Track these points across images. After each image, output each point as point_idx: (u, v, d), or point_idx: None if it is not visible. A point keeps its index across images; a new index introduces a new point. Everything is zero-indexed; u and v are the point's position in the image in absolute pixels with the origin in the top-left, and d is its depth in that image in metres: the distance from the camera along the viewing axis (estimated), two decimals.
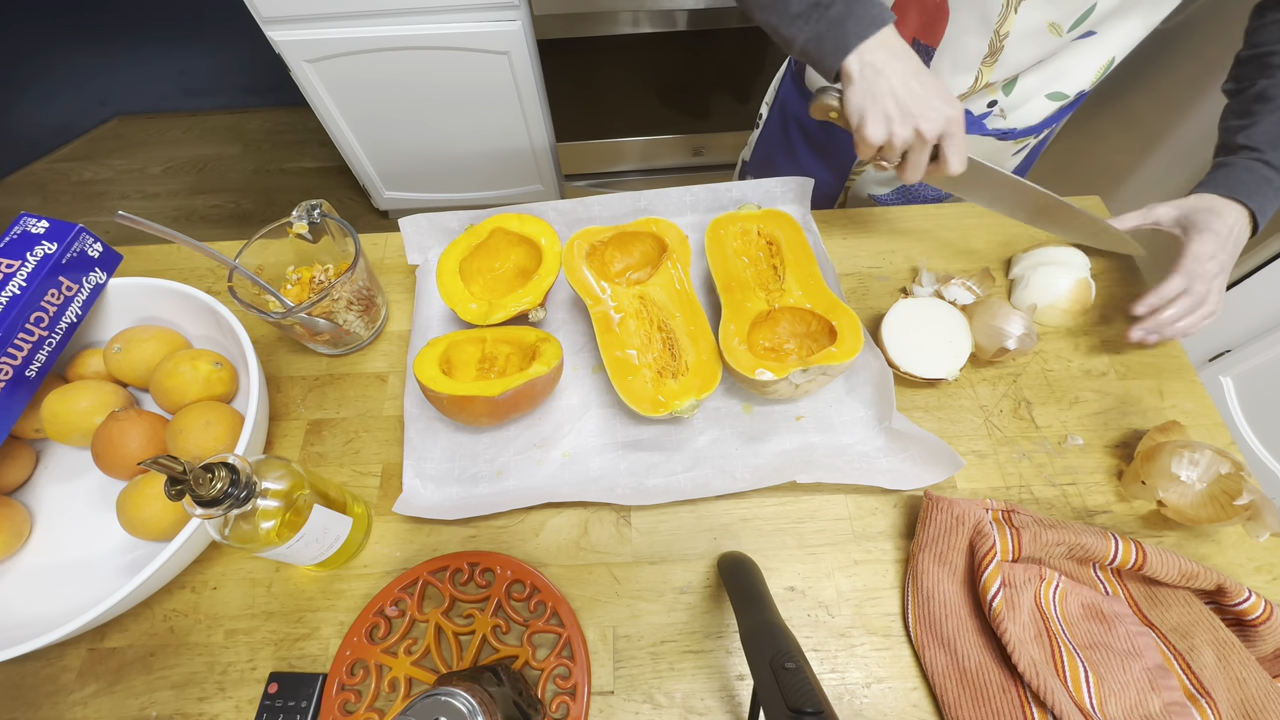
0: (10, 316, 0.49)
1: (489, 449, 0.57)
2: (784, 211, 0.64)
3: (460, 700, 0.33)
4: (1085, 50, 0.56)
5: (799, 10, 0.50)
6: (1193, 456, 0.49)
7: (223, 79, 2.15)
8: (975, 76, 0.58)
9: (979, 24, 0.54)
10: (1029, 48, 0.55)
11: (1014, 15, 0.52)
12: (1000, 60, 0.56)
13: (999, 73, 0.57)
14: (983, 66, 0.57)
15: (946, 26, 0.55)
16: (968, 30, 0.55)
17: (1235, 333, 1.08)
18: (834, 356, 0.52)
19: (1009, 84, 0.59)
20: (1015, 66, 0.57)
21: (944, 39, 0.56)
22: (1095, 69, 0.57)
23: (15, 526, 0.52)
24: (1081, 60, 0.57)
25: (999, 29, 0.53)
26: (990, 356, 0.57)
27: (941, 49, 0.57)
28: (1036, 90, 0.60)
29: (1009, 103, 0.61)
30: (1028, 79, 0.58)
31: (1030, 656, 0.43)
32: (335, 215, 0.58)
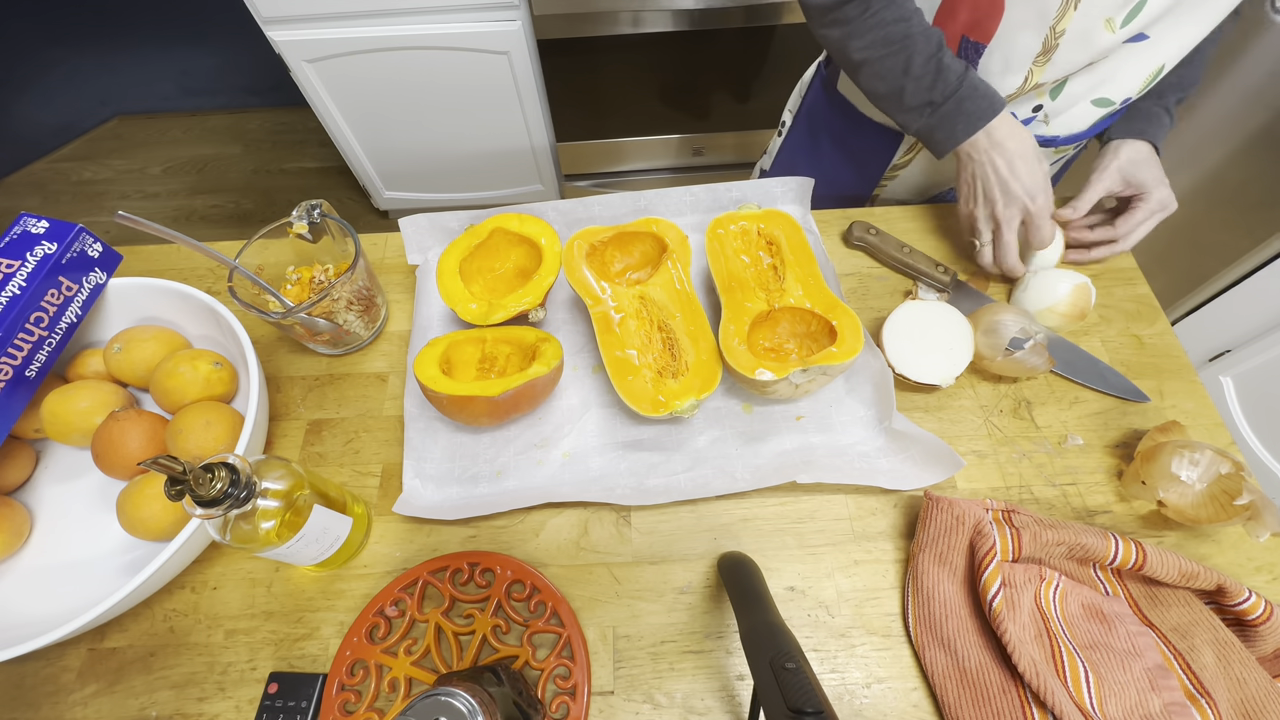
0: (10, 316, 0.49)
1: (489, 449, 0.57)
2: (784, 211, 0.64)
3: (460, 700, 0.33)
4: (1136, 55, 0.54)
5: (913, 105, 0.57)
6: (1193, 456, 0.49)
7: (223, 79, 2.15)
8: (1025, 76, 0.56)
9: (1035, 19, 0.52)
10: (1082, 48, 0.53)
11: (1073, 11, 0.50)
12: (1053, 60, 0.54)
13: (1049, 74, 0.56)
14: (1034, 66, 0.55)
15: (1000, 22, 0.54)
16: (1023, 26, 0.53)
17: (1235, 333, 1.08)
18: (834, 356, 0.52)
19: (1057, 88, 0.58)
20: (1066, 67, 0.55)
21: (996, 36, 0.55)
22: (1145, 75, 0.56)
23: (15, 526, 0.52)
24: (1131, 65, 0.55)
25: (1056, 25, 0.51)
26: (998, 371, 0.57)
27: (992, 46, 0.55)
28: (1083, 95, 0.58)
29: (1054, 108, 0.60)
30: (1076, 83, 0.57)
31: (1030, 656, 0.43)
32: (335, 215, 0.58)
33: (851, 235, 0.67)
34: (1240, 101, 1.01)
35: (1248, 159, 1.03)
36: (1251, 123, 1.01)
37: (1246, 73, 0.99)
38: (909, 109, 0.58)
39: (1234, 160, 1.05)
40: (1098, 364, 0.59)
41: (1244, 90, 1.00)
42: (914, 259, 0.64)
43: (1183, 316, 1.18)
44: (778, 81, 1.39)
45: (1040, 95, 0.59)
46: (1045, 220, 0.57)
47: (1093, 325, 0.63)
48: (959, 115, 0.56)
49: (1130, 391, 0.58)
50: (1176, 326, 1.18)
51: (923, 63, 0.55)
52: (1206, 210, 1.12)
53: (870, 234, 0.66)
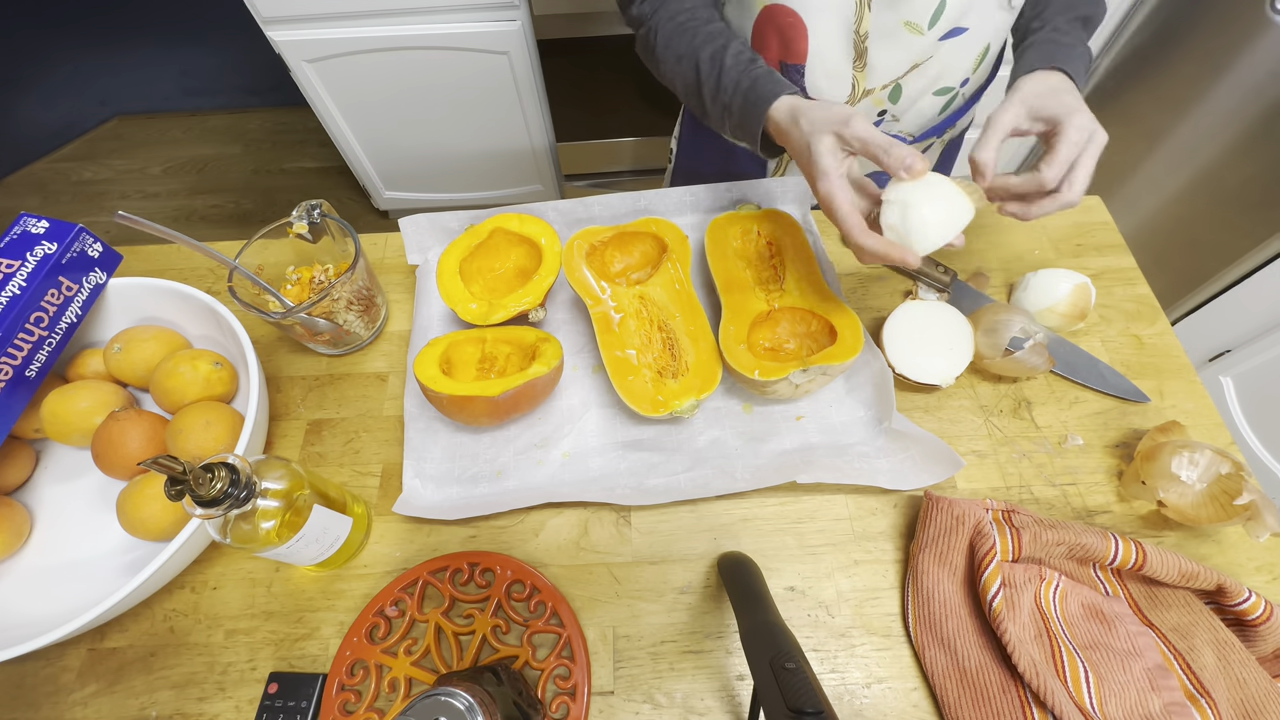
0: (10, 316, 0.49)
1: (489, 449, 0.57)
2: (784, 211, 0.64)
3: (460, 700, 0.33)
4: (958, 47, 0.56)
5: (715, 116, 0.56)
6: (1193, 456, 0.49)
7: (223, 79, 2.15)
8: (851, 84, 0.58)
9: (839, 29, 0.54)
10: (894, 50, 0.55)
11: (868, 13, 0.53)
12: (870, 64, 0.56)
13: (874, 78, 0.57)
14: (855, 73, 0.57)
15: (808, 40, 0.56)
16: (830, 38, 0.55)
17: (1235, 333, 1.08)
18: (834, 356, 0.52)
19: (894, 92, 0.59)
20: (889, 72, 0.57)
21: (810, 52, 0.57)
22: (972, 59, 0.58)
23: (15, 526, 0.52)
24: (956, 56, 0.57)
25: (858, 28, 0.54)
26: (998, 371, 0.57)
27: (810, 64, 0.58)
28: (922, 90, 0.60)
29: (898, 109, 0.61)
30: (911, 83, 0.59)
31: (1030, 656, 0.43)
32: (335, 215, 0.58)
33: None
34: (1240, 101, 1.01)
35: (1247, 158, 1.03)
36: (1251, 122, 1.01)
37: (1246, 72, 0.99)
38: (718, 121, 0.56)
39: (1233, 160, 1.06)
40: (1098, 364, 0.59)
41: (1243, 90, 1.00)
42: None
43: (1183, 316, 1.18)
44: None
45: (879, 103, 0.61)
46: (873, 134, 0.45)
47: (1093, 325, 0.63)
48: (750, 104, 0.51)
49: (1130, 391, 0.58)
50: (1176, 326, 1.18)
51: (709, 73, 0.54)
52: (1206, 210, 1.12)
53: None
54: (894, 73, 0.57)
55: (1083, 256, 0.67)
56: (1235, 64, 1.00)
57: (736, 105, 0.53)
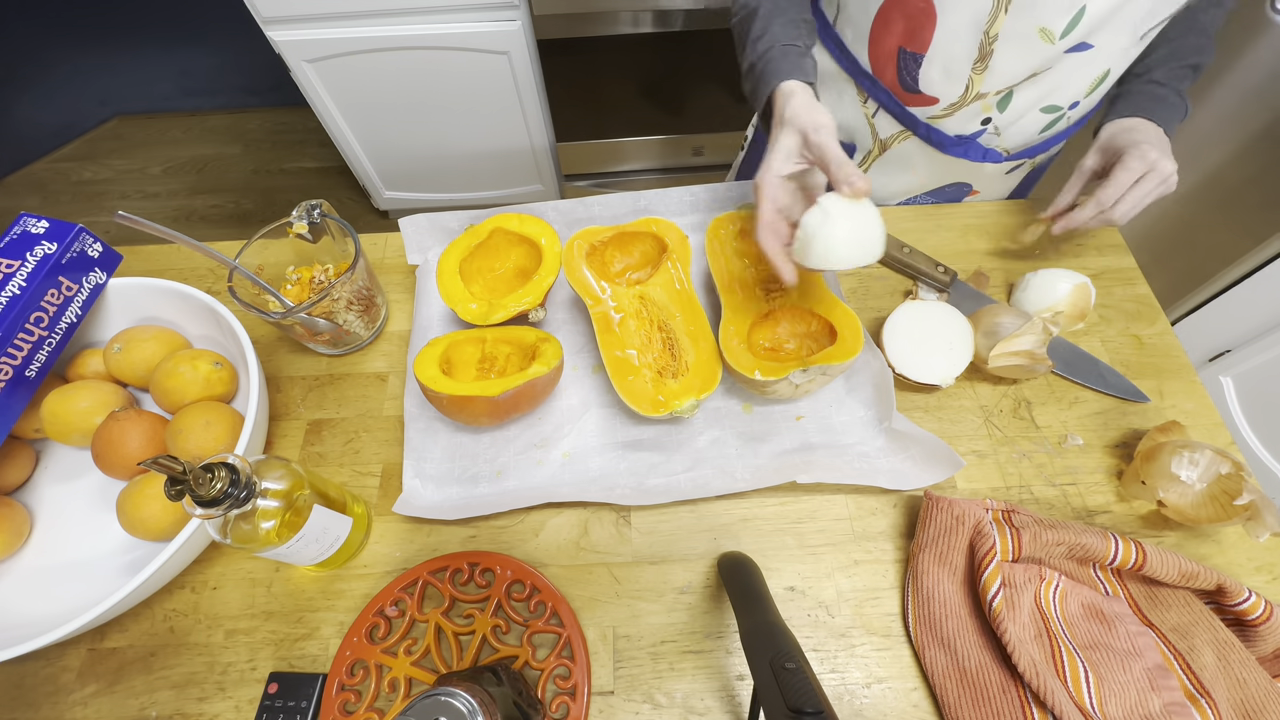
0: (10, 316, 0.49)
1: (489, 449, 0.57)
2: None
3: (460, 700, 0.33)
4: (1080, 64, 0.55)
5: (744, 70, 0.59)
6: (1193, 456, 0.49)
7: (223, 79, 2.15)
8: (966, 84, 0.57)
9: (969, 26, 0.53)
10: (1020, 55, 0.54)
11: (1004, 15, 0.51)
12: (991, 67, 0.55)
13: (990, 82, 0.57)
14: (973, 74, 0.56)
15: (935, 31, 0.55)
16: (957, 33, 0.54)
17: (1235, 333, 1.08)
18: (833, 356, 0.52)
19: (1004, 100, 0.58)
20: (1007, 77, 0.56)
21: (933, 44, 0.56)
22: (1090, 80, 0.57)
23: (15, 526, 0.52)
24: (1076, 74, 0.56)
25: (989, 30, 0.53)
26: (999, 372, 0.57)
27: (930, 55, 0.57)
28: (1031, 105, 0.59)
29: (1003, 120, 0.60)
30: (1022, 95, 0.58)
31: (1030, 656, 0.43)
32: (335, 215, 0.58)
33: None
34: (1240, 101, 1.01)
35: (1248, 159, 1.03)
36: (1252, 123, 1.01)
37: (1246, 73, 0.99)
38: (743, 73, 0.59)
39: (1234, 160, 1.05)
40: (1098, 364, 0.59)
41: (1244, 90, 1.00)
42: (914, 259, 0.64)
43: (1183, 316, 1.18)
44: None
45: (987, 109, 0.60)
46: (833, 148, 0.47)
47: (1093, 325, 0.63)
48: (766, 73, 0.55)
49: (1130, 391, 0.58)
50: (1176, 326, 1.18)
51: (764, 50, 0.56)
52: (1206, 210, 1.12)
53: None
54: (1012, 79, 0.56)
55: (1083, 256, 0.67)
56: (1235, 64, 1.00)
57: (759, 69, 0.55)
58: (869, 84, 0.63)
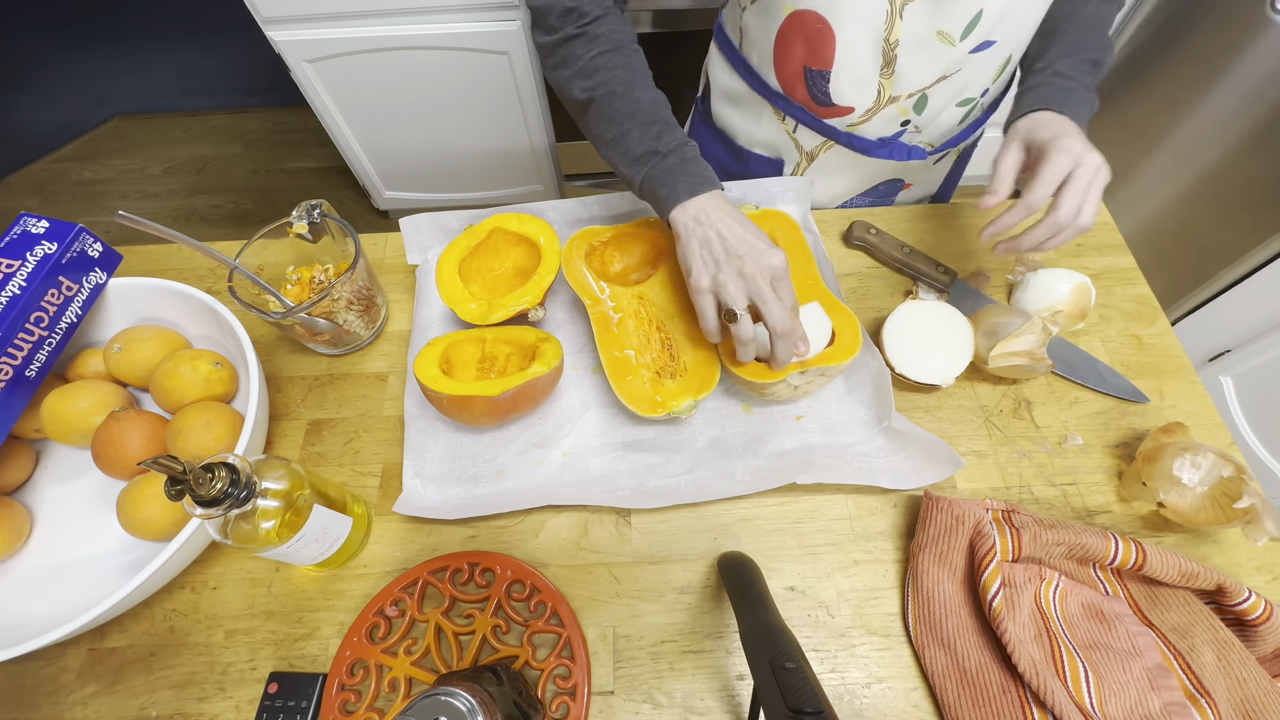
0: (10, 316, 0.49)
1: (489, 449, 0.57)
2: (782, 211, 0.63)
3: (460, 700, 0.33)
4: (985, 59, 0.56)
5: (638, 152, 0.52)
6: (1195, 459, 0.48)
7: (223, 79, 2.15)
8: (877, 90, 0.58)
9: (868, 37, 0.54)
10: (923, 59, 0.54)
11: (900, 21, 0.52)
12: (898, 72, 0.56)
13: (900, 86, 0.57)
14: (882, 79, 0.57)
15: (836, 47, 0.55)
16: (858, 45, 0.55)
17: (1235, 333, 1.08)
18: (832, 358, 0.52)
19: (919, 103, 0.59)
20: (916, 80, 0.56)
21: (836, 59, 0.56)
22: (995, 68, 0.58)
23: (15, 526, 0.52)
24: (984, 68, 0.57)
25: (888, 37, 0.53)
26: (999, 372, 0.57)
27: (836, 70, 0.57)
28: (946, 103, 0.60)
29: (922, 120, 0.61)
30: (936, 96, 0.58)
31: (1030, 656, 0.43)
32: (335, 215, 0.58)
33: (851, 235, 0.67)
34: (1240, 101, 1.01)
35: (1247, 159, 1.03)
36: (1251, 122, 1.01)
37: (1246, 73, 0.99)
38: (634, 158, 0.51)
39: (1234, 160, 1.06)
40: (1097, 364, 0.59)
41: (1244, 90, 1.00)
42: (914, 259, 0.64)
43: (1183, 316, 1.18)
44: None
45: (904, 111, 0.60)
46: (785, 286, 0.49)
47: (1093, 325, 0.63)
48: (682, 172, 0.50)
49: (1130, 392, 0.58)
50: (1176, 326, 1.18)
51: (650, 110, 0.52)
52: (1206, 210, 1.12)
53: (870, 234, 0.66)
54: (922, 83, 0.57)
55: (1083, 256, 0.67)
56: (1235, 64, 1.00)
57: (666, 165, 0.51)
58: (783, 103, 0.64)
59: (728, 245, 0.48)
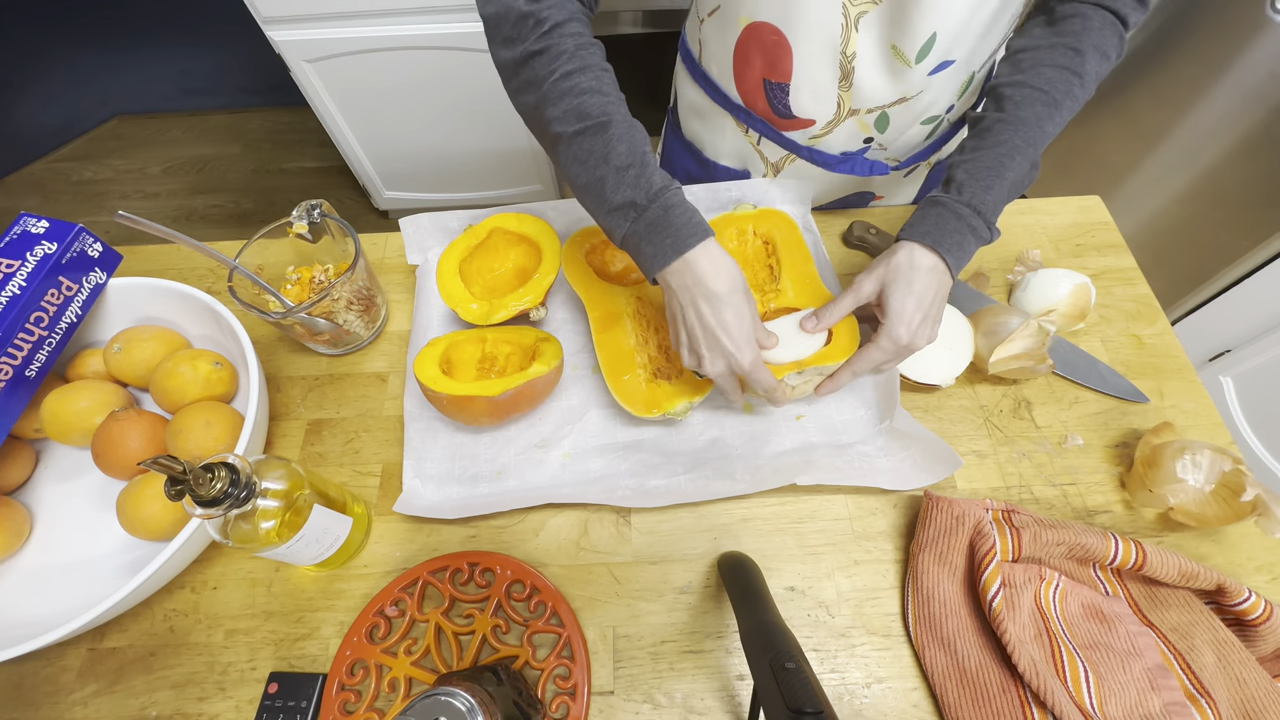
0: (10, 316, 0.49)
1: (489, 449, 0.57)
2: (780, 210, 0.63)
3: (460, 700, 0.33)
4: (945, 80, 0.55)
5: (616, 203, 0.46)
6: (1195, 459, 0.48)
7: (223, 79, 2.15)
8: (837, 103, 0.57)
9: (824, 49, 0.53)
10: (881, 73, 0.54)
11: (855, 33, 0.51)
12: (856, 86, 0.55)
13: (860, 100, 0.56)
14: (840, 92, 0.56)
15: (793, 60, 0.55)
16: (815, 57, 0.54)
17: (1235, 333, 1.08)
18: (829, 357, 0.51)
19: (881, 120, 0.58)
20: (875, 97, 0.55)
21: (794, 71, 0.56)
22: (957, 87, 0.57)
23: (15, 526, 0.52)
24: (945, 89, 0.56)
25: (844, 49, 0.53)
26: (998, 371, 0.57)
27: (795, 83, 0.57)
28: (910, 122, 0.59)
29: (885, 138, 0.61)
30: (898, 115, 0.58)
31: (1030, 656, 0.43)
32: (335, 215, 0.58)
33: (851, 235, 0.67)
34: (1240, 101, 1.01)
35: (1247, 159, 1.03)
36: (1251, 123, 1.01)
37: (1246, 73, 0.99)
38: (612, 208, 0.46)
39: (1233, 160, 1.06)
40: (1097, 364, 0.59)
41: (1243, 90, 1.01)
42: None
43: (1183, 316, 1.18)
44: None
45: (865, 128, 0.60)
46: (760, 370, 0.48)
47: (1093, 325, 0.63)
48: (665, 226, 0.45)
49: (1130, 392, 0.58)
50: (1176, 326, 1.18)
51: (625, 150, 0.45)
52: (1206, 210, 1.12)
53: (870, 234, 0.66)
54: (881, 100, 0.56)
55: (1083, 256, 0.67)
56: (1235, 64, 1.00)
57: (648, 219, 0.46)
58: (744, 115, 0.63)
59: (707, 330, 0.47)
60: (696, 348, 0.48)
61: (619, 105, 0.47)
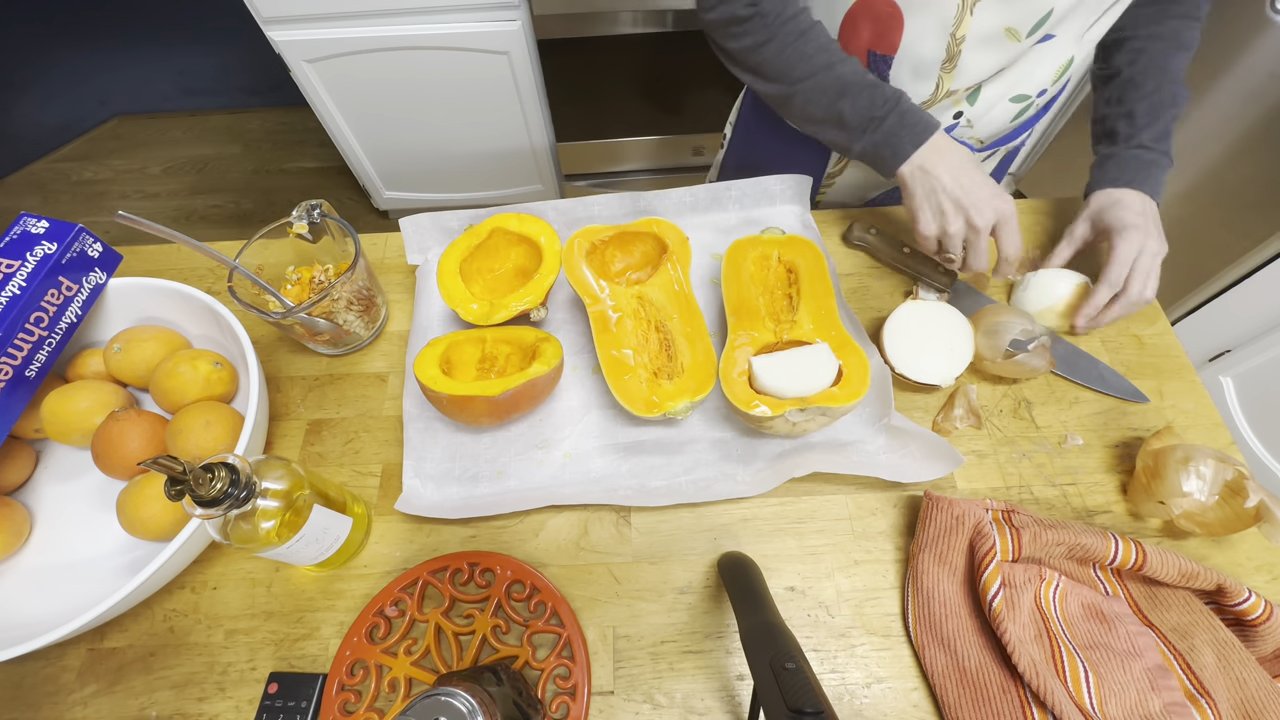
0: (10, 316, 0.49)
1: (489, 449, 0.57)
2: (808, 240, 0.61)
3: (460, 700, 0.33)
4: (1045, 54, 0.56)
5: (855, 124, 0.56)
6: (1199, 469, 0.48)
7: (223, 79, 2.15)
8: (936, 84, 0.58)
9: (936, 28, 0.54)
10: (987, 54, 0.54)
11: (970, 17, 0.52)
12: (959, 67, 0.56)
13: (959, 80, 0.57)
14: (942, 73, 0.57)
15: (902, 33, 0.55)
16: (924, 36, 0.54)
17: (1235, 333, 1.08)
18: (835, 398, 0.50)
19: (973, 94, 0.59)
20: (975, 74, 0.56)
21: (901, 45, 0.56)
22: (1055, 68, 0.57)
23: (15, 526, 0.52)
24: (1041, 63, 0.57)
25: (955, 32, 0.53)
26: (998, 372, 0.57)
27: (899, 57, 0.57)
28: (1000, 96, 0.59)
29: (974, 112, 0.61)
30: (991, 88, 0.58)
31: (1030, 656, 0.43)
32: (335, 215, 0.58)
33: (851, 235, 0.67)
34: (1240, 101, 1.02)
35: (1247, 159, 1.03)
36: (1251, 123, 1.01)
37: (1246, 73, 0.99)
38: (851, 129, 0.56)
39: (1233, 160, 1.06)
40: (1097, 364, 0.59)
41: (1244, 90, 1.01)
42: (914, 259, 0.64)
43: (1183, 316, 1.18)
44: None
45: (958, 103, 0.60)
46: (1015, 223, 0.55)
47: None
48: (903, 127, 0.55)
49: (1130, 392, 0.58)
50: (1176, 326, 1.18)
51: (856, 80, 0.55)
52: (1206, 210, 1.12)
53: (870, 234, 0.66)
54: (980, 76, 0.57)
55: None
56: (1235, 64, 1.00)
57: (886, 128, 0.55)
58: None
59: (949, 194, 0.54)
60: (961, 203, 0.54)
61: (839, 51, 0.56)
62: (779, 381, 0.51)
